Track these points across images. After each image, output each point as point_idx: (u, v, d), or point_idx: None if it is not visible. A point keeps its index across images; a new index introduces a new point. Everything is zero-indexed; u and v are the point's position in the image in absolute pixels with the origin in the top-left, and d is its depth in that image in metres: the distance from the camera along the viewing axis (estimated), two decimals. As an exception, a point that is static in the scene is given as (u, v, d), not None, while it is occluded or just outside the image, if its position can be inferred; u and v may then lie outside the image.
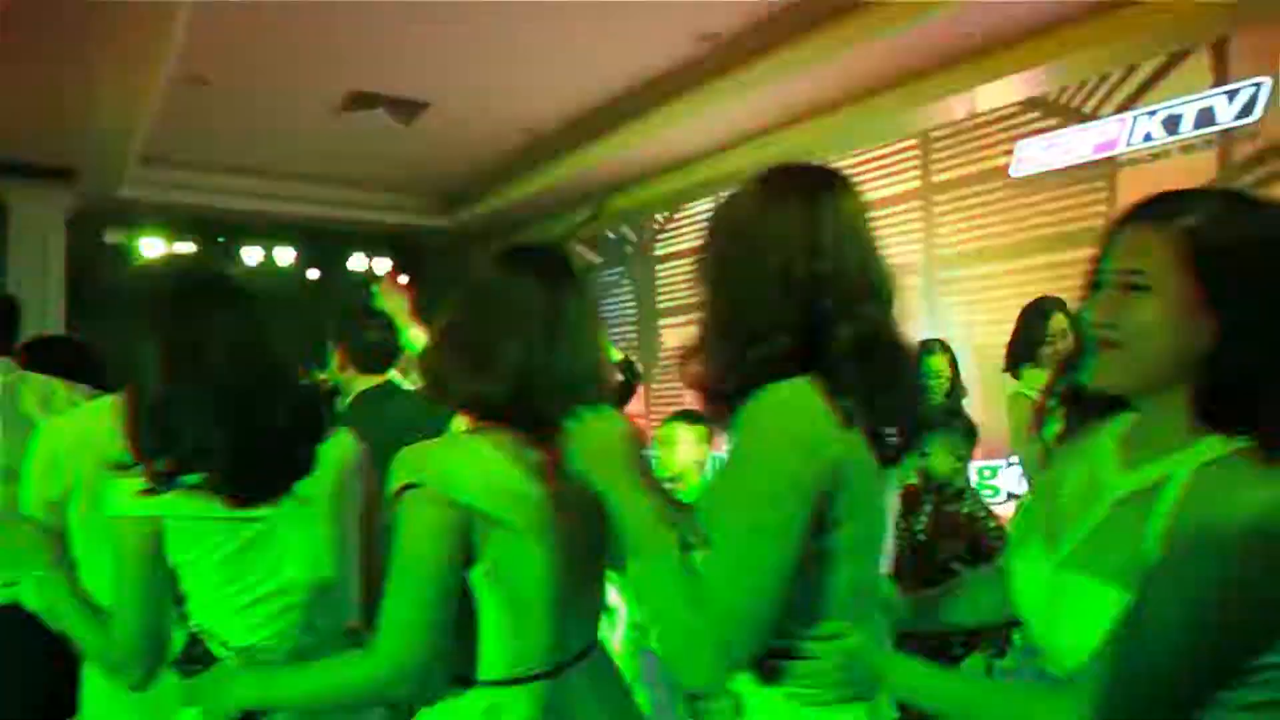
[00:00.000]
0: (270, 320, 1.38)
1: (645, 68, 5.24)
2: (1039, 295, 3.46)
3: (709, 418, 1.16)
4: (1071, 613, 0.95)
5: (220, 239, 8.16)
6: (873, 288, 1.12)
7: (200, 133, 6.34)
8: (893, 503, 3.98)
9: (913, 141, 5.26)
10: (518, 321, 1.23)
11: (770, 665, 1.09)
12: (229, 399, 1.29)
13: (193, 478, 1.27)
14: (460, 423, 2.41)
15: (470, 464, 1.19)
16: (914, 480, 3.17)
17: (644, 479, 1.15)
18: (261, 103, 5.80)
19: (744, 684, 1.11)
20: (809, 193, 1.13)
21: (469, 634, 1.23)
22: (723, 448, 1.16)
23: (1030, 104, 4.68)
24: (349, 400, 2.77)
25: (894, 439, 1.12)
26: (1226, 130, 3.88)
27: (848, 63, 4.63)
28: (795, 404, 1.04)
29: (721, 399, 1.12)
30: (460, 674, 1.24)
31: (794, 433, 1.02)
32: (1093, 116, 4.40)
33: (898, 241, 5.34)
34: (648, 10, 4.46)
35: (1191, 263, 0.92)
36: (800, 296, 1.09)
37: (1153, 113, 4.16)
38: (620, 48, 4.94)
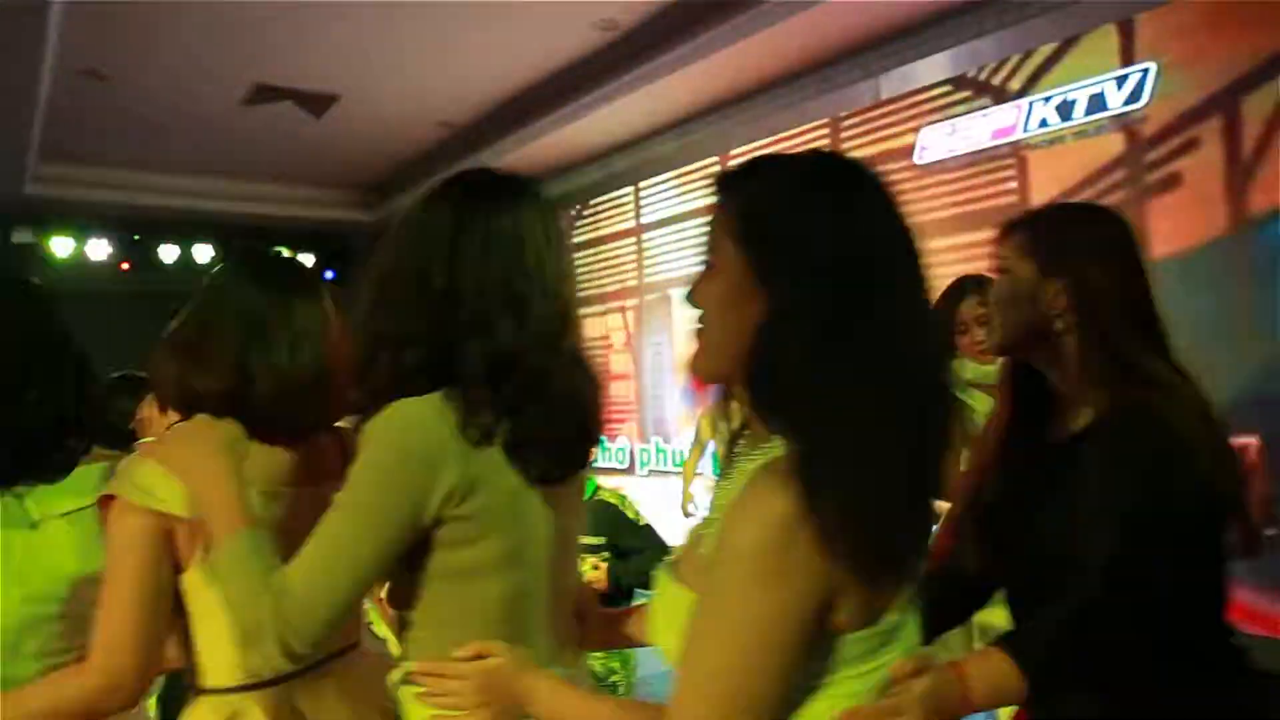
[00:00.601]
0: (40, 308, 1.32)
1: (551, 59, 5.19)
2: (959, 275, 2.69)
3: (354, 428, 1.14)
4: (661, 614, 0.92)
5: (135, 237, 7.94)
6: (516, 305, 1.08)
7: (103, 128, 6.16)
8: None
9: (824, 121, 5.28)
10: (232, 321, 1.23)
11: (419, 684, 1.07)
12: None
13: None
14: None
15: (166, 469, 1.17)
16: None
17: (223, 468, 1.12)
18: (163, 97, 5.64)
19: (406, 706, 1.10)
20: (462, 202, 1.11)
21: (195, 642, 1.22)
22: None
23: (953, 82, 4.63)
24: None
25: (546, 458, 1.09)
26: (1118, 115, 3.92)
27: (753, 52, 4.63)
28: (412, 421, 1.03)
29: (359, 408, 1.10)
30: (195, 684, 1.22)
31: (403, 450, 1.03)
32: (1006, 97, 4.39)
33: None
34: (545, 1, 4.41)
35: (741, 238, 0.84)
36: (435, 308, 1.07)
37: (1048, 98, 4.19)
38: (524, 38, 4.89)
